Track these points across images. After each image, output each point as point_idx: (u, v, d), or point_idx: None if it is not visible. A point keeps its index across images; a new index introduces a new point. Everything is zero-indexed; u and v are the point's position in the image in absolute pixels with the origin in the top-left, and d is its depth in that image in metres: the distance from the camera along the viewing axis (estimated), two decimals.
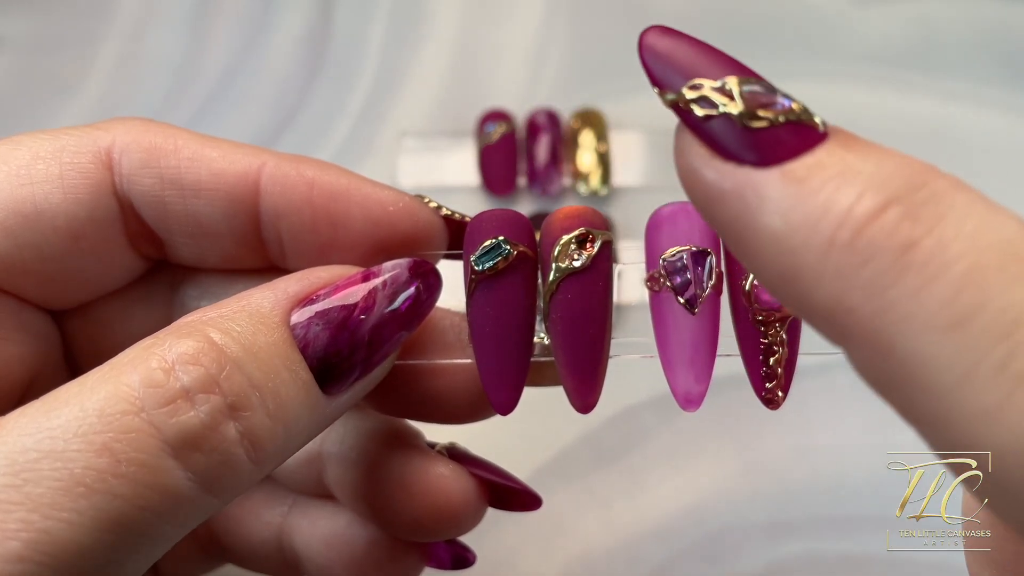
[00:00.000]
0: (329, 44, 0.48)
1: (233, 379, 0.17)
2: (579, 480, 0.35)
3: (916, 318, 0.12)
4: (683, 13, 0.49)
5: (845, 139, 0.14)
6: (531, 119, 0.44)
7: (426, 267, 0.20)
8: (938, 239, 0.12)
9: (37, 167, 0.20)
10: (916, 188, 0.13)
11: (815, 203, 0.13)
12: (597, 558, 0.34)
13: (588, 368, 0.20)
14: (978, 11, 0.48)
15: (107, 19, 0.49)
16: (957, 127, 0.44)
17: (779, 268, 0.13)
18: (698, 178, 0.14)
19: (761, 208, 0.13)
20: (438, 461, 0.23)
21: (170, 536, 0.17)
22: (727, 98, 0.14)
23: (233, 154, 0.21)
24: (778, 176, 0.13)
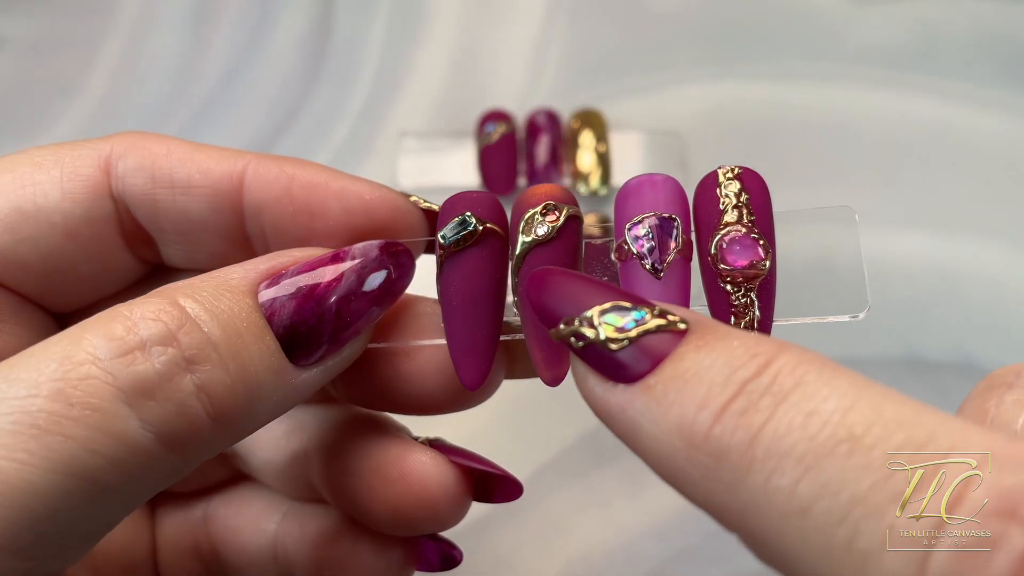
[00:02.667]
0: (329, 44, 0.48)
1: (192, 334, 0.17)
2: (579, 480, 0.35)
3: (771, 509, 0.13)
4: (683, 14, 0.49)
5: (699, 336, 0.15)
6: (531, 119, 0.44)
7: (397, 247, 0.21)
8: (775, 429, 0.13)
9: (39, 171, 0.22)
10: (757, 374, 0.14)
11: (671, 412, 0.15)
12: (597, 558, 0.34)
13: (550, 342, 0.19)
14: (978, 11, 0.48)
15: (108, 20, 0.49)
16: (957, 127, 0.45)
17: (665, 473, 0.15)
18: (590, 397, 0.16)
19: (637, 421, 0.15)
20: (416, 448, 0.23)
21: (129, 491, 0.17)
22: (591, 328, 0.16)
23: (220, 155, 0.22)
24: (640, 391, 0.15)
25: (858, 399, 0.14)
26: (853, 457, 0.13)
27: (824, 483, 0.13)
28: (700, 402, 0.14)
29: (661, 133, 0.45)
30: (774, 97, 0.46)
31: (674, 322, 0.16)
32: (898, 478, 0.13)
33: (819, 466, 0.13)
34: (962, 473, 0.17)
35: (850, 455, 0.13)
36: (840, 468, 0.13)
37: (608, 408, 0.16)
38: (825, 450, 0.13)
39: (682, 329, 0.16)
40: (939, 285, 0.40)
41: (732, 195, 0.20)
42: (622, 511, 0.35)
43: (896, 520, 0.13)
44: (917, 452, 0.14)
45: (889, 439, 0.13)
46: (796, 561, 0.13)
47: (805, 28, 0.48)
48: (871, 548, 0.12)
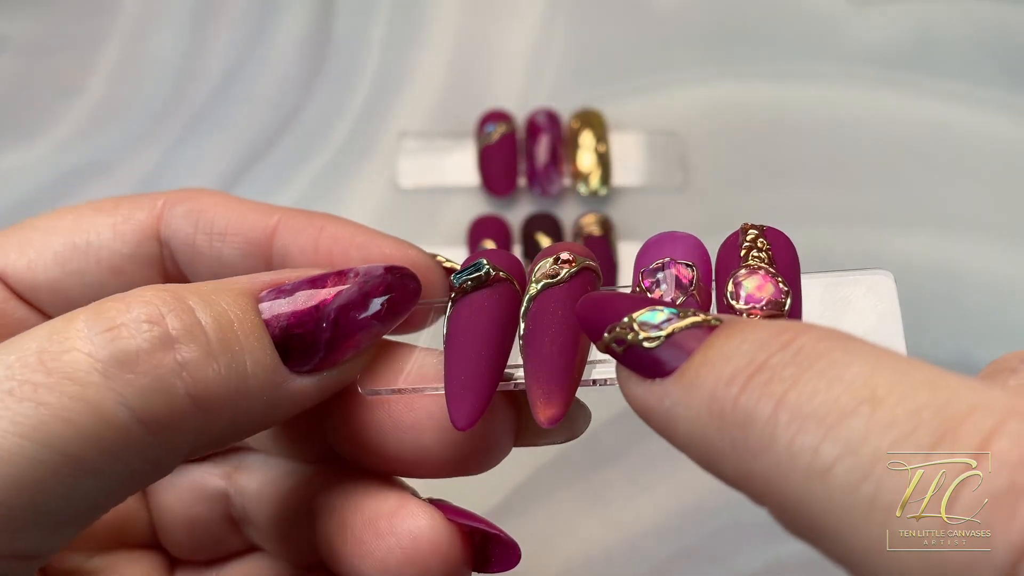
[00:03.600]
0: (329, 44, 0.48)
1: (182, 317, 0.17)
2: (579, 480, 0.35)
3: (795, 471, 0.13)
4: (683, 13, 0.49)
5: (730, 327, 0.16)
6: (531, 119, 0.44)
7: (403, 269, 0.21)
8: (798, 394, 0.14)
9: (98, 215, 0.23)
10: (780, 350, 0.15)
11: (702, 392, 0.15)
12: (597, 558, 0.34)
13: (554, 376, 0.19)
14: (978, 11, 0.48)
15: (108, 20, 0.49)
16: (957, 127, 0.45)
17: (698, 455, 0.15)
18: (632, 398, 0.17)
19: (672, 409, 0.16)
20: (411, 502, 0.21)
21: (105, 470, 0.17)
22: (630, 331, 0.17)
23: (260, 208, 0.23)
24: (673, 381, 0.16)
25: (880, 365, 0.14)
26: (876, 415, 0.13)
27: (847, 441, 0.13)
28: (727, 378, 0.15)
29: (661, 133, 0.45)
30: (774, 97, 0.46)
31: (707, 320, 0.16)
32: (922, 432, 0.13)
33: (841, 425, 0.13)
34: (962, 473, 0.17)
35: (873, 413, 0.13)
36: (863, 426, 0.13)
37: (647, 404, 0.16)
38: (848, 410, 0.13)
39: (714, 325, 0.16)
40: (939, 285, 0.40)
41: (751, 243, 0.19)
42: (622, 511, 0.35)
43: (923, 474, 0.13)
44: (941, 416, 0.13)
45: (912, 398, 0.13)
46: (822, 523, 0.13)
47: (805, 28, 0.48)
48: (893, 504, 0.13)
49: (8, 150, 0.45)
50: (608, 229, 0.41)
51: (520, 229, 0.42)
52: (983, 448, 0.13)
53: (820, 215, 0.42)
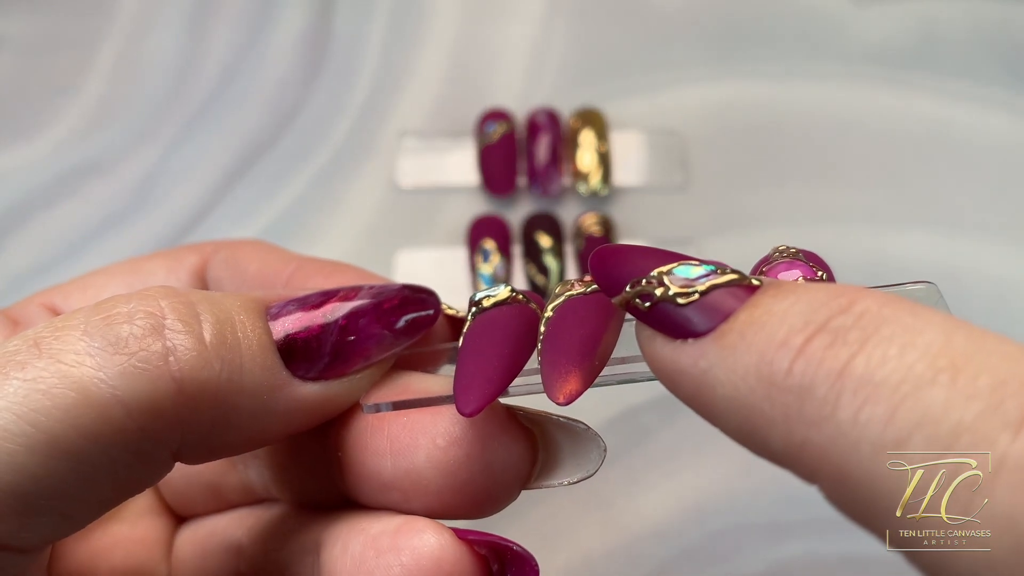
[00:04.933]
0: (329, 44, 0.48)
1: (179, 309, 0.18)
2: None
3: (862, 443, 0.12)
4: (683, 13, 0.49)
5: (776, 286, 0.15)
6: (531, 119, 0.44)
7: (421, 287, 0.21)
8: (867, 360, 0.13)
9: (152, 261, 0.25)
10: (840, 312, 0.13)
11: (749, 355, 0.14)
12: (597, 558, 0.34)
13: (572, 356, 0.18)
14: (978, 11, 0.48)
15: (107, 19, 0.49)
16: (957, 127, 0.44)
17: (738, 424, 0.14)
18: (657, 359, 0.15)
19: (709, 372, 0.14)
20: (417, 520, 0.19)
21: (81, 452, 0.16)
22: (660, 286, 0.15)
23: (285, 256, 0.24)
24: (712, 341, 0.14)
25: (954, 333, 0.13)
26: (957, 385, 0.12)
27: (924, 412, 0.12)
28: (781, 340, 0.13)
29: (661, 133, 0.44)
30: (775, 96, 0.46)
31: (748, 279, 0.15)
32: (1009, 406, 0.12)
33: (918, 395, 0.12)
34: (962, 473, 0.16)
35: (953, 383, 0.12)
36: (943, 396, 0.12)
37: (677, 366, 0.15)
38: (925, 379, 0.12)
39: (756, 285, 0.15)
40: (940, 284, 0.40)
41: (785, 247, 0.18)
42: (622, 512, 0.35)
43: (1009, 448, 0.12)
44: None
45: (994, 369, 0.12)
46: (889, 501, 0.12)
47: (806, 28, 0.48)
48: None
49: (6, 149, 0.45)
50: (609, 229, 0.41)
51: (520, 229, 0.42)
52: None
53: (821, 214, 0.42)
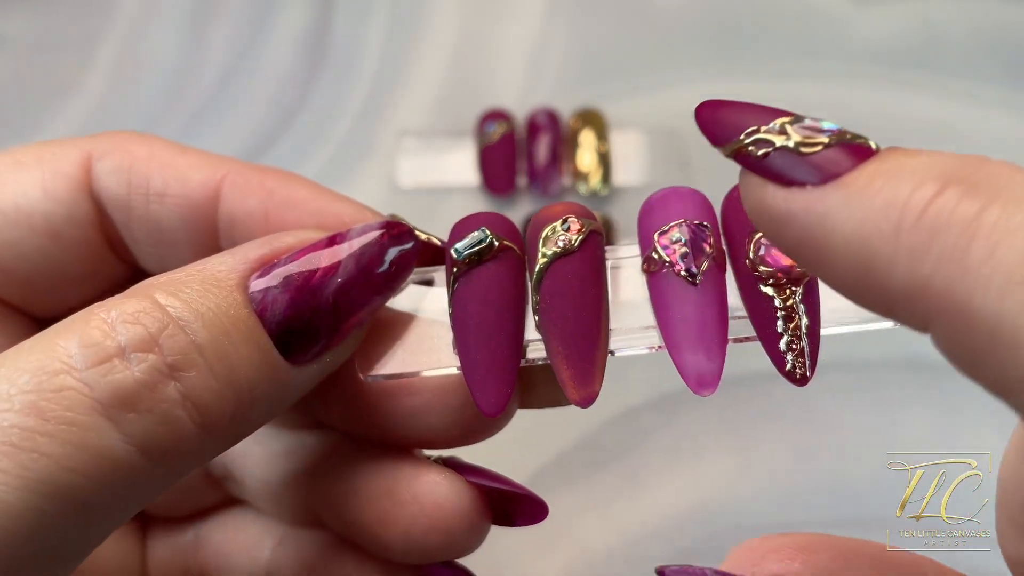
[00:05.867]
0: (329, 44, 0.48)
1: (175, 339, 0.16)
2: (579, 481, 0.35)
3: (993, 278, 0.12)
4: (683, 13, 0.49)
5: (901, 149, 0.15)
6: (531, 119, 0.44)
7: (400, 228, 0.19)
8: (1001, 207, 0.13)
9: (21, 171, 0.21)
10: (971, 172, 0.14)
11: (877, 199, 0.14)
12: (597, 558, 0.34)
13: (584, 355, 0.18)
14: (978, 11, 0.48)
15: (107, 19, 0.49)
16: (957, 127, 0.44)
17: (854, 265, 0.14)
18: (766, 206, 0.15)
19: (828, 215, 0.14)
20: (430, 468, 0.21)
21: (112, 507, 0.16)
22: (780, 135, 0.15)
23: (201, 162, 0.21)
24: (835, 187, 0.14)
25: None
26: None
27: None
28: (914, 186, 0.13)
29: (662, 133, 0.44)
30: (775, 96, 0.46)
31: (869, 141, 0.15)
32: None
33: None
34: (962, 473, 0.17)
35: None
36: None
37: (790, 210, 0.15)
38: None
39: (874, 149, 0.15)
40: None
41: None
42: (622, 512, 0.35)
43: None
44: None
45: None
46: (1013, 333, 0.12)
47: (806, 27, 0.48)
48: None
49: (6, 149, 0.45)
50: (609, 228, 0.41)
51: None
52: None
53: None
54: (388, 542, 0.21)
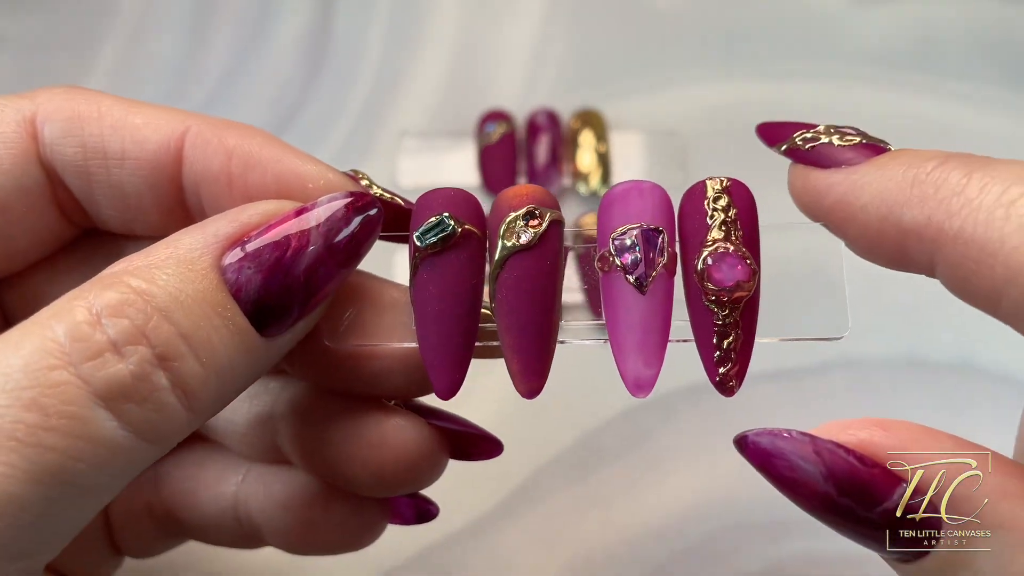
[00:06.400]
0: (329, 44, 0.48)
1: (160, 329, 0.17)
2: (579, 481, 0.35)
3: (983, 206, 0.17)
4: (683, 13, 0.49)
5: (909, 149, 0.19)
6: (531, 119, 0.44)
7: (365, 199, 0.20)
8: (989, 167, 0.17)
9: None
10: (967, 155, 0.18)
11: (898, 169, 0.18)
12: (597, 558, 0.34)
13: (533, 350, 0.19)
14: (978, 11, 0.48)
15: (107, 20, 0.49)
16: (957, 127, 0.44)
17: (878, 211, 0.19)
18: (811, 185, 0.20)
19: (860, 181, 0.19)
20: (394, 412, 0.22)
21: (110, 486, 0.17)
22: (825, 135, 0.20)
23: (157, 120, 0.21)
24: (864, 164, 0.19)
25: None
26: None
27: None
28: (926, 159, 0.18)
29: (661, 133, 0.44)
30: (774, 97, 0.46)
31: (885, 143, 0.20)
32: None
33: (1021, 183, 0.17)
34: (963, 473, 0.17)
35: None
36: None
37: (830, 180, 0.20)
38: None
39: (891, 148, 0.20)
40: (940, 285, 0.40)
41: (720, 210, 0.19)
42: (622, 512, 0.35)
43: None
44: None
45: None
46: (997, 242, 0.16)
47: (805, 28, 0.48)
48: None
49: None
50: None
51: None
52: None
53: None
54: (356, 479, 0.22)
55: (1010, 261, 0.16)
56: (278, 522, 0.24)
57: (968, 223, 0.17)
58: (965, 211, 0.17)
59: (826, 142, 0.20)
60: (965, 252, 0.17)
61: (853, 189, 0.19)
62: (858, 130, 0.21)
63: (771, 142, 0.21)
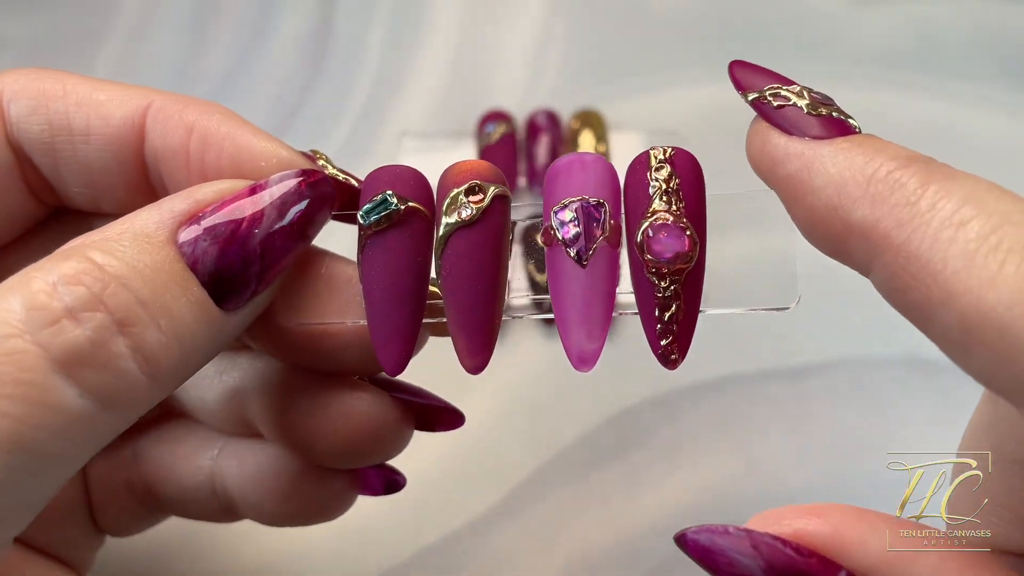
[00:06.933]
0: (329, 44, 0.48)
1: (118, 296, 0.17)
2: (579, 480, 0.35)
3: (932, 223, 0.16)
4: (683, 13, 0.49)
5: (874, 136, 0.19)
6: (531, 119, 0.44)
7: (316, 177, 0.20)
8: (947, 180, 0.17)
9: None
10: (930, 159, 0.18)
11: (858, 158, 0.18)
12: (597, 558, 0.34)
13: (478, 326, 0.20)
14: (978, 11, 0.48)
15: (108, 20, 0.49)
16: (957, 127, 0.44)
17: (828, 200, 0.18)
18: (769, 147, 0.19)
19: (818, 160, 0.18)
20: (356, 386, 0.23)
21: (73, 456, 0.17)
22: (798, 97, 0.19)
23: (121, 96, 0.21)
24: (827, 143, 0.18)
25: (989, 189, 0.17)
26: (1008, 199, 0.16)
27: (983, 208, 0.16)
28: (888, 156, 0.17)
29: (661, 133, 0.44)
30: None
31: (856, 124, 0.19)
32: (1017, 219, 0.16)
33: (980, 199, 0.16)
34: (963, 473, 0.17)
35: (1003, 198, 0.16)
36: (996, 201, 0.16)
37: (787, 150, 0.19)
38: (985, 189, 0.16)
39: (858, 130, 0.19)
40: None
41: (662, 180, 0.19)
42: (622, 511, 0.35)
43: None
44: None
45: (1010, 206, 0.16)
46: (940, 263, 0.16)
47: (805, 28, 0.48)
48: (1014, 247, 0.15)
49: None
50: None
51: None
52: None
53: None
54: (321, 451, 0.23)
55: (948, 285, 0.16)
56: (251, 495, 0.24)
57: (915, 238, 0.16)
58: (914, 224, 0.16)
59: (794, 104, 0.19)
60: (906, 265, 0.16)
61: (809, 167, 0.18)
62: (830, 100, 0.20)
63: (741, 87, 0.20)
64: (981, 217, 0.16)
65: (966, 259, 0.15)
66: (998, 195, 0.16)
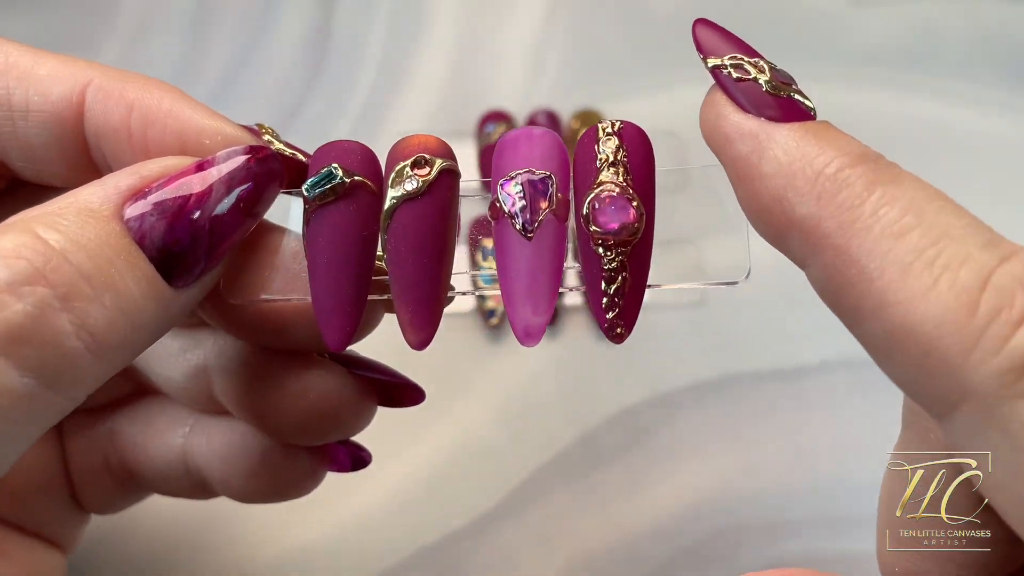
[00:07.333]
0: (329, 44, 0.48)
1: (61, 270, 0.16)
2: (578, 480, 0.35)
3: (873, 229, 0.16)
4: (683, 13, 0.49)
5: (831, 124, 0.19)
6: (531, 119, 0.44)
7: (263, 152, 0.20)
8: (892, 184, 0.17)
9: None
10: (879, 158, 0.17)
11: (810, 147, 0.17)
12: (597, 558, 0.34)
13: (423, 300, 0.19)
14: (978, 11, 0.48)
15: (108, 19, 0.49)
16: (957, 127, 0.44)
17: (775, 189, 0.17)
18: (723, 121, 0.19)
19: (770, 145, 0.18)
20: (313, 363, 0.23)
21: (16, 436, 0.17)
22: (759, 72, 0.19)
23: (61, 71, 0.21)
24: (787, 127, 0.18)
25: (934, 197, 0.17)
26: (951, 211, 0.16)
27: (924, 220, 0.16)
28: (840, 151, 0.17)
29: (661, 133, 0.44)
30: None
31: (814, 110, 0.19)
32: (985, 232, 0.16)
33: (922, 210, 0.16)
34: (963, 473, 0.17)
35: (945, 209, 0.16)
36: (937, 213, 0.16)
37: (740, 129, 0.18)
38: (927, 199, 0.16)
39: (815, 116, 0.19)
40: None
41: (609, 152, 0.19)
42: (622, 511, 0.35)
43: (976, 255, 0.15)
44: None
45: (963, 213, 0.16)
46: (876, 271, 0.16)
47: (805, 28, 0.48)
48: (950, 264, 0.15)
49: None
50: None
51: None
52: None
53: None
54: (284, 428, 0.23)
55: (882, 294, 0.16)
56: (219, 471, 0.25)
57: (854, 243, 0.16)
58: (855, 228, 0.16)
59: (754, 79, 0.19)
60: (843, 268, 0.16)
61: (759, 151, 0.18)
62: (791, 80, 0.19)
63: (702, 50, 0.20)
64: (922, 228, 0.16)
65: (902, 270, 0.15)
66: (940, 205, 0.16)
